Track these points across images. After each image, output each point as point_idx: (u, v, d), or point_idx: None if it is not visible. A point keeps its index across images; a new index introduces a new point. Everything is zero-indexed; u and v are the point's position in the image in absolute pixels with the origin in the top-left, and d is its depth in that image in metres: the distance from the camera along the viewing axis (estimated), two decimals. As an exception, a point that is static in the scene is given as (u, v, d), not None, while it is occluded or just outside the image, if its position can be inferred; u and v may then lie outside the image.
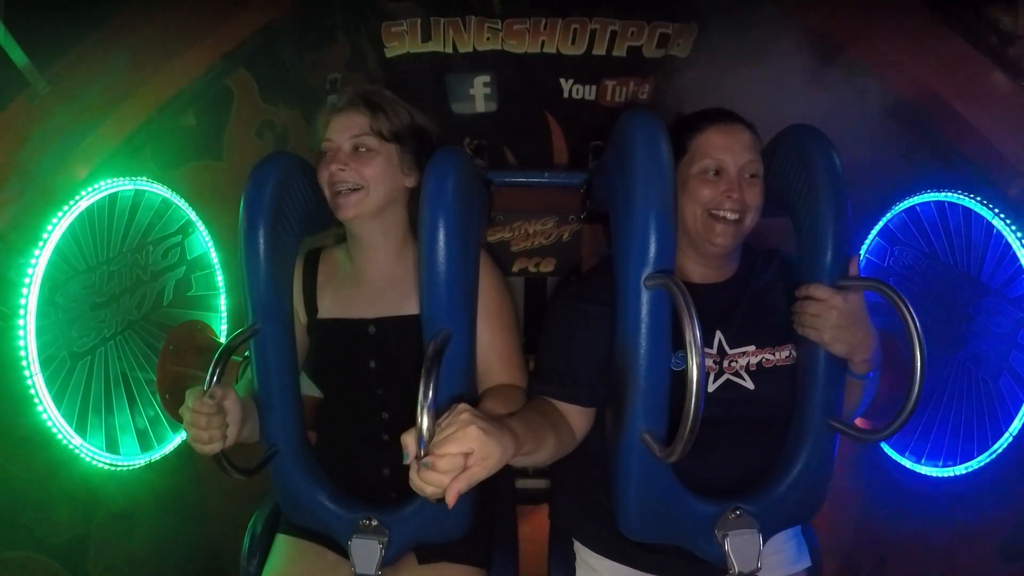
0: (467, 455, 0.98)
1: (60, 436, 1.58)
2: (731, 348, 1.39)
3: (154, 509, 1.91)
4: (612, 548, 1.46)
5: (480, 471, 0.99)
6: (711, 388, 1.37)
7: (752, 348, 1.40)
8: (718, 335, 1.40)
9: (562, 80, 2.58)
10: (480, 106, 2.62)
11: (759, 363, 1.39)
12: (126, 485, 1.79)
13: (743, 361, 1.39)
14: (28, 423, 1.54)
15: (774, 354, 1.40)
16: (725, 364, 1.39)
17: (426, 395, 1.02)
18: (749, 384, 1.39)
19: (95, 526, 1.74)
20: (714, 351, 1.39)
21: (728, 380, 1.38)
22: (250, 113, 2.24)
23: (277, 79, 2.32)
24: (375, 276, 1.50)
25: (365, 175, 1.40)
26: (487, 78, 2.56)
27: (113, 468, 1.73)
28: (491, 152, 2.69)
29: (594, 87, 2.56)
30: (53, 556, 1.63)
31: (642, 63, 2.46)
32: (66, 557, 1.66)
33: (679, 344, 1.16)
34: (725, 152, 1.36)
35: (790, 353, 1.39)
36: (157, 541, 1.93)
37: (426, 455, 0.98)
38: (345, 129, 1.42)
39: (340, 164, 1.39)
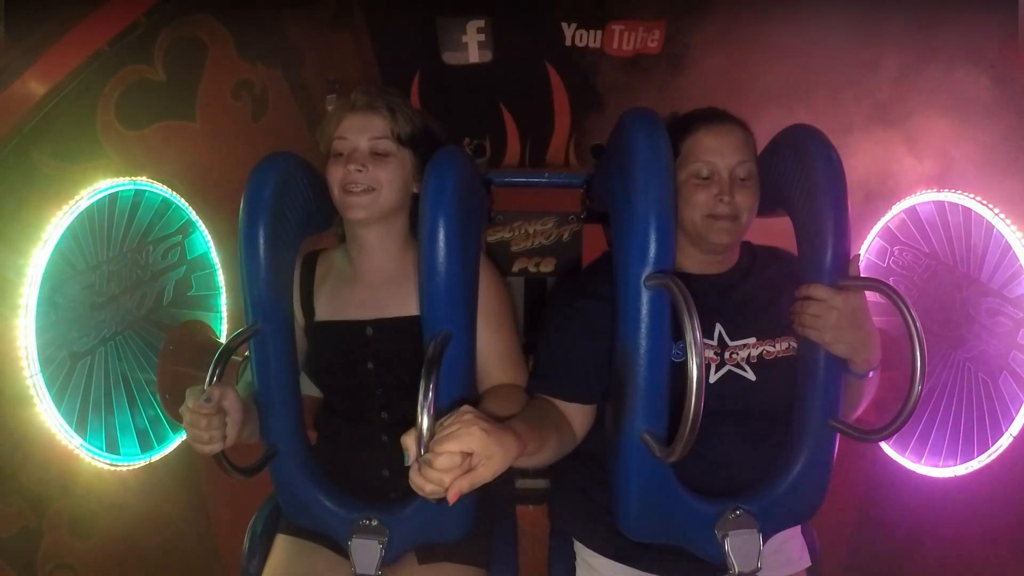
0: (468, 455, 0.99)
1: (60, 436, 1.58)
2: (732, 340, 1.40)
3: (154, 509, 1.91)
4: (612, 547, 1.47)
5: (485, 472, 0.99)
6: (712, 379, 1.38)
7: (752, 340, 1.40)
8: (718, 327, 1.40)
9: (564, 25, 2.37)
10: (474, 55, 2.42)
11: (760, 355, 1.40)
12: (126, 485, 1.79)
13: (744, 353, 1.39)
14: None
15: (774, 346, 1.40)
16: (726, 356, 1.39)
17: (426, 396, 1.02)
18: (751, 375, 1.39)
19: (48, 520, 1.65)
20: (715, 343, 1.39)
21: (729, 371, 1.39)
22: (225, 71, 2.07)
23: (255, 34, 2.12)
24: (373, 278, 1.50)
25: (379, 177, 1.39)
26: (481, 23, 2.38)
27: (113, 468, 1.73)
28: (486, 110, 2.51)
29: (599, 33, 2.35)
30: None
31: (651, 2, 2.27)
32: (11, 553, 1.57)
33: (679, 335, 1.16)
34: (715, 155, 1.36)
35: (789, 345, 1.40)
36: (157, 541, 1.93)
37: (426, 453, 0.98)
38: (364, 129, 1.41)
39: (358, 164, 1.38)
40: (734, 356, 1.39)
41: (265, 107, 2.21)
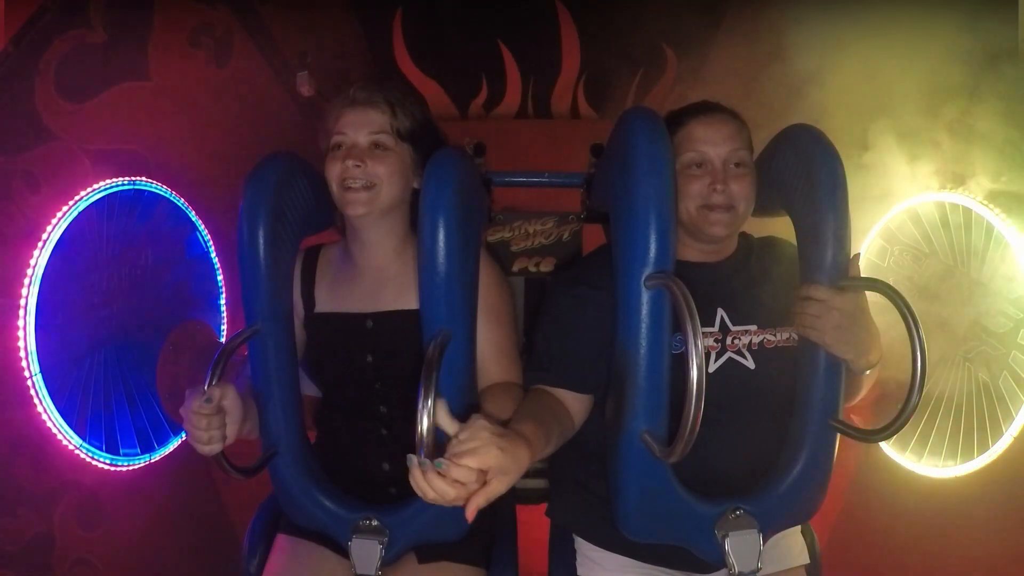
0: (484, 471, 0.99)
1: (60, 437, 1.58)
2: (734, 325, 1.40)
3: (153, 509, 1.91)
4: (613, 541, 1.46)
5: (500, 486, 1.00)
6: (712, 368, 1.38)
7: (754, 328, 1.40)
8: (720, 312, 1.40)
9: None
10: None
11: (760, 343, 1.40)
12: (126, 485, 1.79)
13: (745, 339, 1.39)
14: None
15: (775, 335, 1.40)
16: (728, 341, 1.39)
17: (427, 397, 1.02)
18: (750, 363, 1.39)
19: (57, 521, 1.61)
20: (716, 329, 1.39)
21: (730, 358, 1.39)
22: (178, 17, 1.87)
23: None
24: (374, 272, 1.50)
25: (379, 173, 1.38)
26: None
27: (113, 468, 1.73)
28: (482, 48, 2.24)
29: None
30: (12, 567, 1.49)
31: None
32: (27, 562, 1.53)
33: (679, 326, 1.15)
34: (707, 144, 1.37)
35: (791, 336, 1.40)
36: (156, 540, 1.93)
37: (428, 457, 0.98)
38: (363, 125, 1.40)
39: (356, 160, 1.37)
40: (735, 342, 1.39)
41: (229, 50, 2.01)
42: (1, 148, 1.47)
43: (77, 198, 1.61)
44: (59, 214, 1.57)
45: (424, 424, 1.00)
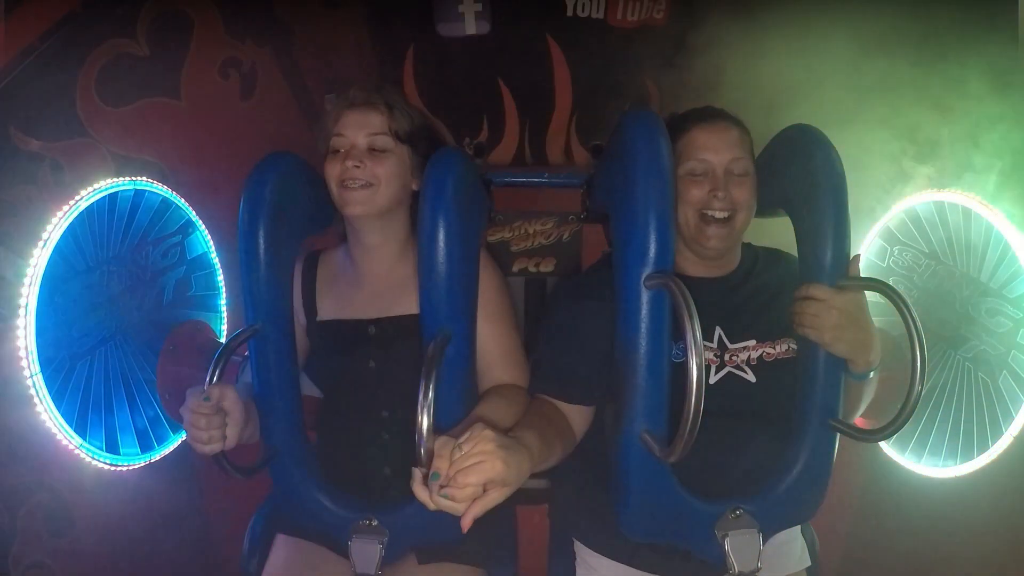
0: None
1: (60, 436, 1.58)
2: (731, 343, 1.40)
3: (153, 509, 1.90)
4: (612, 548, 1.47)
5: (498, 496, 1.01)
6: (712, 380, 1.38)
7: (752, 343, 1.40)
8: (718, 330, 1.40)
9: None
10: (471, 27, 2.34)
11: (760, 356, 1.40)
12: (125, 485, 1.79)
13: (744, 355, 1.39)
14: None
15: (774, 347, 1.40)
16: (726, 358, 1.39)
17: (426, 395, 1.03)
18: (751, 377, 1.39)
19: (22, 518, 1.59)
20: (714, 345, 1.39)
21: (729, 372, 1.39)
22: (213, 48, 2.03)
23: (243, 10, 2.08)
24: (376, 277, 1.50)
25: (377, 173, 1.39)
26: None
27: (113, 468, 1.73)
28: (484, 85, 2.43)
29: (603, 2, 2.30)
30: None
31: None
32: None
33: (680, 335, 1.16)
34: (709, 151, 1.37)
35: (789, 347, 1.40)
36: (155, 541, 1.92)
37: (428, 466, 0.99)
38: (361, 126, 1.41)
39: (355, 161, 1.38)
40: (734, 358, 1.39)
41: (254, 85, 2.17)
42: (37, 132, 1.52)
43: (78, 197, 1.61)
44: (60, 213, 1.57)
45: (424, 422, 1.00)
